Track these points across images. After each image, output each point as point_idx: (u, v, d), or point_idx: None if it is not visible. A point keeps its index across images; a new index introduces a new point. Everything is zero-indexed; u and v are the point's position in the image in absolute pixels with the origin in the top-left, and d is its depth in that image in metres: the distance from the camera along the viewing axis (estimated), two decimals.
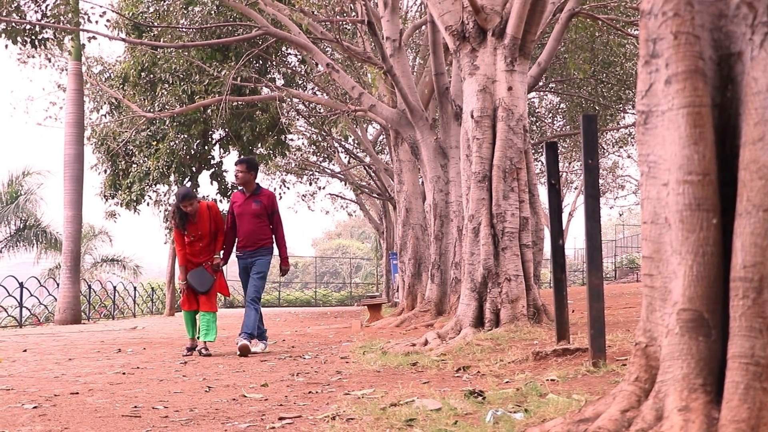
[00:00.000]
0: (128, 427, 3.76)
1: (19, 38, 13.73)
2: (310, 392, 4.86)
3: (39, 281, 20.72)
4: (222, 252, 8.57)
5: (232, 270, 18.63)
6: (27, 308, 17.82)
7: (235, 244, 8.52)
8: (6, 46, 14.05)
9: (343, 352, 8.12)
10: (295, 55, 21.93)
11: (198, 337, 8.40)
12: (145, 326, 15.99)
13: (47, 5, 14.08)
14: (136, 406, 4.38)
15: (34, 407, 4.43)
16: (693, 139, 2.29)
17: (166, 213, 22.81)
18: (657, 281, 2.47)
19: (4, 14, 13.01)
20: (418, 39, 22.08)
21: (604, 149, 28.20)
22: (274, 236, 8.45)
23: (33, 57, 20.52)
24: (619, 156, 32.23)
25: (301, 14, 13.83)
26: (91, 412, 4.21)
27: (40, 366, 7.19)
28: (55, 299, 19.44)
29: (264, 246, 8.39)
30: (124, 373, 6.41)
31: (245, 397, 4.74)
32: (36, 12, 14.09)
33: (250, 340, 8.07)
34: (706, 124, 2.29)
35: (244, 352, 7.89)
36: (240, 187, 8.64)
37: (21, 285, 17.37)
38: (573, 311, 9.42)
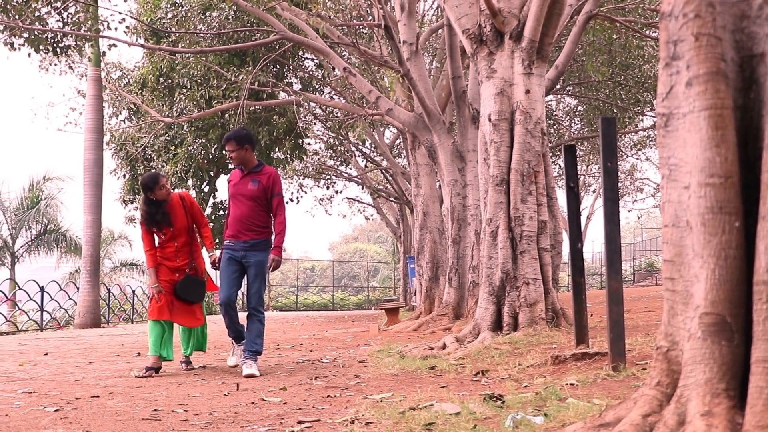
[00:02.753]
0: (148, 430, 3.77)
1: (41, 47, 13.86)
2: (328, 396, 4.86)
3: (59, 285, 20.85)
4: (214, 248, 7.29)
5: None
6: (48, 312, 17.93)
7: (224, 232, 7.04)
8: (29, 55, 14.18)
9: (361, 355, 8.11)
10: (312, 60, 21.99)
11: (185, 353, 7.20)
12: None
13: (68, 14, 14.20)
14: (156, 410, 4.39)
15: (56, 410, 4.46)
16: (715, 141, 2.27)
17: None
18: (678, 285, 2.45)
19: (27, 23, 13.12)
20: (435, 43, 22.06)
21: (622, 152, 28.07)
22: (273, 223, 6.90)
23: (54, 64, 20.70)
24: (637, 159, 32.07)
25: (318, 19, 13.87)
26: (111, 415, 4.23)
27: (61, 369, 7.24)
28: (75, 303, 19.56)
29: (261, 238, 6.80)
30: (143, 377, 6.44)
31: (264, 400, 4.74)
32: (57, 21, 14.21)
33: (256, 358, 6.66)
34: (728, 126, 2.27)
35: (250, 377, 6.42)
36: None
37: (42, 289, 17.49)
38: (591, 315, 9.38)
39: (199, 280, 7.05)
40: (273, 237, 6.87)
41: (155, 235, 7.03)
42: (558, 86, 19.82)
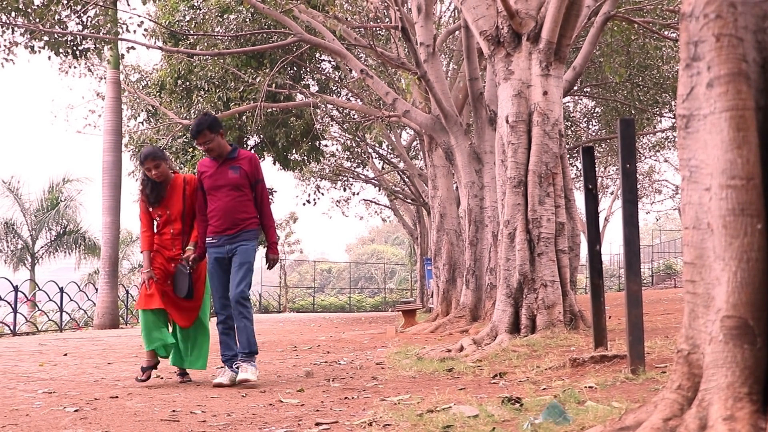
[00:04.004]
0: (167, 431, 3.79)
1: (61, 50, 13.98)
2: (346, 398, 4.86)
3: (78, 286, 21.00)
4: (196, 243, 6.32)
5: None
6: (67, 313, 18.06)
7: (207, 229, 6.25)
8: (49, 58, 14.31)
9: (378, 357, 8.11)
10: (329, 62, 22.03)
11: (180, 363, 6.36)
12: None
13: (88, 17, 14.30)
14: (174, 411, 4.41)
15: (76, 410, 4.48)
16: (736, 142, 2.25)
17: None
18: (699, 287, 2.43)
19: (47, 26, 13.23)
20: (452, 44, 22.04)
21: (640, 153, 27.92)
22: (259, 215, 6.24)
23: (74, 67, 20.85)
24: (655, 160, 31.91)
25: (335, 21, 13.88)
26: (130, 416, 4.25)
27: (80, 370, 7.28)
28: (94, 304, 19.69)
29: (248, 228, 6.12)
30: (161, 377, 6.47)
31: (282, 402, 4.75)
32: (77, 24, 14.33)
33: (251, 361, 5.97)
34: (749, 127, 2.26)
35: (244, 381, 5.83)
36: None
37: (61, 290, 17.63)
38: (610, 317, 9.33)
39: (185, 272, 6.21)
40: (263, 230, 6.31)
41: (153, 218, 6.41)
42: (576, 87, 19.76)
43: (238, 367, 5.91)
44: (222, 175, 6.11)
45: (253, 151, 22.64)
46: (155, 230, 6.39)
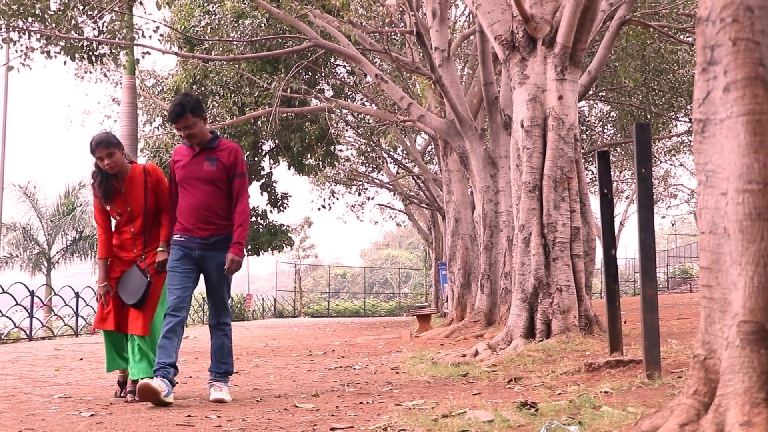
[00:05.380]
0: None
1: (77, 55, 14.08)
2: (361, 403, 4.86)
3: (94, 291, 21.08)
4: (167, 242, 5.51)
5: None
6: (83, 317, 18.14)
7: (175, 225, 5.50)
8: (65, 63, 14.42)
9: (393, 362, 8.11)
10: (344, 66, 22.07)
11: (131, 376, 5.42)
12: (197, 336, 16.17)
13: (103, 22, 14.40)
14: (189, 416, 4.42)
15: (91, 415, 4.50)
16: (753, 147, 2.25)
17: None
18: (716, 292, 2.42)
19: (63, 31, 13.33)
20: (466, 49, 22.04)
21: (656, 158, 27.82)
22: (233, 212, 5.41)
23: (89, 72, 20.99)
24: (671, 165, 31.76)
25: (350, 26, 13.92)
26: (146, 420, 4.27)
27: (96, 374, 7.32)
28: None
29: (224, 233, 5.37)
30: (176, 382, 6.49)
31: (297, 407, 4.76)
32: (93, 29, 14.42)
33: (225, 380, 5.37)
34: (766, 131, 2.25)
35: (218, 402, 5.12)
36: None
37: (77, 294, 17.71)
38: (625, 322, 9.28)
39: (139, 275, 5.40)
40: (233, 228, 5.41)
41: (112, 217, 5.58)
42: (591, 92, 19.70)
43: (212, 386, 5.29)
44: (197, 167, 5.36)
45: (268, 156, 22.76)
46: (114, 229, 5.58)
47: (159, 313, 5.46)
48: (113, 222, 5.59)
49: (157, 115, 22.81)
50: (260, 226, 23.27)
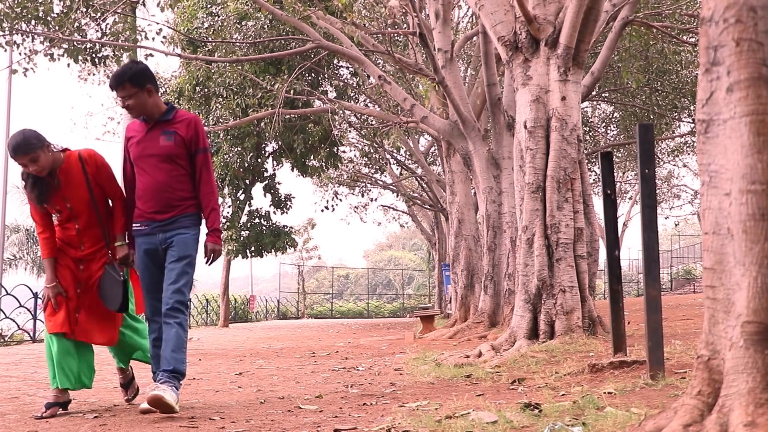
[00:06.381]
0: None
1: (80, 57, 14.12)
2: (364, 404, 4.86)
3: None
4: (125, 234, 4.96)
5: None
6: None
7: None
8: (68, 65, 14.46)
9: (396, 363, 8.11)
10: (347, 68, 22.09)
11: (119, 364, 5.22)
12: (200, 338, 16.19)
13: (107, 24, 14.44)
14: (192, 417, 4.43)
15: (95, 417, 4.51)
16: (756, 147, 2.24)
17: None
18: (719, 293, 2.41)
19: (66, 34, 13.36)
20: (469, 50, 22.04)
21: (659, 158, 27.78)
22: (197, 193, 4.87)
23: (93, 74, 21.03)
24: (674, 165, 31.73)
25: (353, 27, 13.92)
26: (149, 422, 4.27)
27: (99, 376, 7.31)
28: None
29: (185, 212, 4.81)
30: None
31: (300, 408, 4.76)
32: (96, 31, 14.46)
33: (175, 382, 4.59)
34: None
35: (159, 406, 4.37)
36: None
37: None
38: (629, 323, 9.28)
39: (115, 278, 4.89)
40: (203, 213, 4.89)
41: (50, 214, 4.94)
42: (594, 93, 19.70)
43: (155, 387, 4.48)
44: (151, 143, 4.79)
45: (271, 158, 22.78)
46: (56, 225, 4.95)
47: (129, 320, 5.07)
48: (54, 218, 4.94)
49: None
50: (263, 227, 23.30)
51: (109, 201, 5.04)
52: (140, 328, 5.15)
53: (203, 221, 4.90)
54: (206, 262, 4.84)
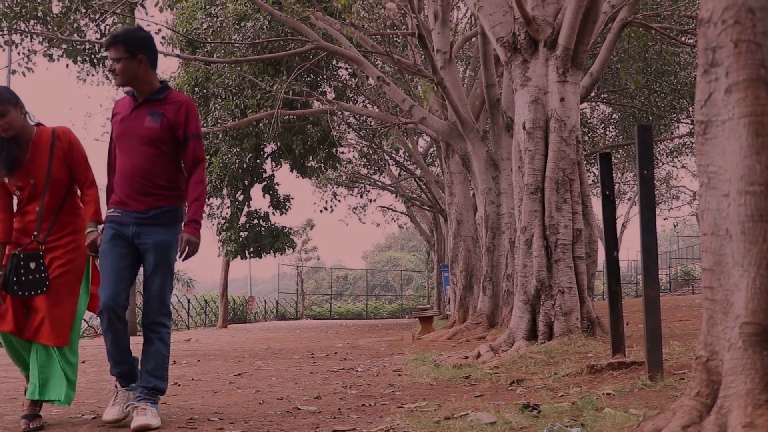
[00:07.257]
0: None
1: (79, 58, 14.12)
2: (363, 405, 4.86)
3: None
4: (97, 222, 4.40)
5: None
6: (85, 320, 18.17)
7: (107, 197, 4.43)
8: (67, 66, 14.46)
9: (395, 364, 8.10)
10: (346, 69, 22.09)
11: (30, 396, 4.19)
12: (199, 338, 16.18)
13: (106, 25, 14.44)
14: (191, 418, 4.42)
15: (94, 418, 4.51)
16: (755, 148, 2.25)
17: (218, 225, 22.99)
18: (718, 294, 2.42)
19: (65, 34, 13.36)
20: (468, 51, 22.05)
21: (658, 159, 27.81)
22: (185, 184, 4.37)
23: (92, 75, 21.03)
24: (673, 166, 31.75)
25: (352, 28, 13.93)
26: None
27: (98, 377, 7.32)
28: None
29: (165, 206, 4.29)
30: (179, 385, 6.48)
31: (299, 409, 4.75)
32: (95, 32, 14.47)
33: (155, 399, 4.22)
34: None
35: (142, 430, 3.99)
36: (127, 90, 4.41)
37: None
38: (627, 324, 9.29)
39: (37, 264, 4.22)
40: (185, 205, 4.36)
41: (11, 192, 4.39)
42: (593, 94, 19.71)
43: (134, 408, 4.13)
44: (135, 122, 4.27)
45: (270, 159, 22.77)
46: (15, 209, 4.42)
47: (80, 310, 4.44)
48: (15, 200, 4.41)
49: None
50: (262, 228, 23.29)
51: (77, 189, 4.51)
52: (74, 363, 4.41)
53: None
54: (180, 257, 4.27)
